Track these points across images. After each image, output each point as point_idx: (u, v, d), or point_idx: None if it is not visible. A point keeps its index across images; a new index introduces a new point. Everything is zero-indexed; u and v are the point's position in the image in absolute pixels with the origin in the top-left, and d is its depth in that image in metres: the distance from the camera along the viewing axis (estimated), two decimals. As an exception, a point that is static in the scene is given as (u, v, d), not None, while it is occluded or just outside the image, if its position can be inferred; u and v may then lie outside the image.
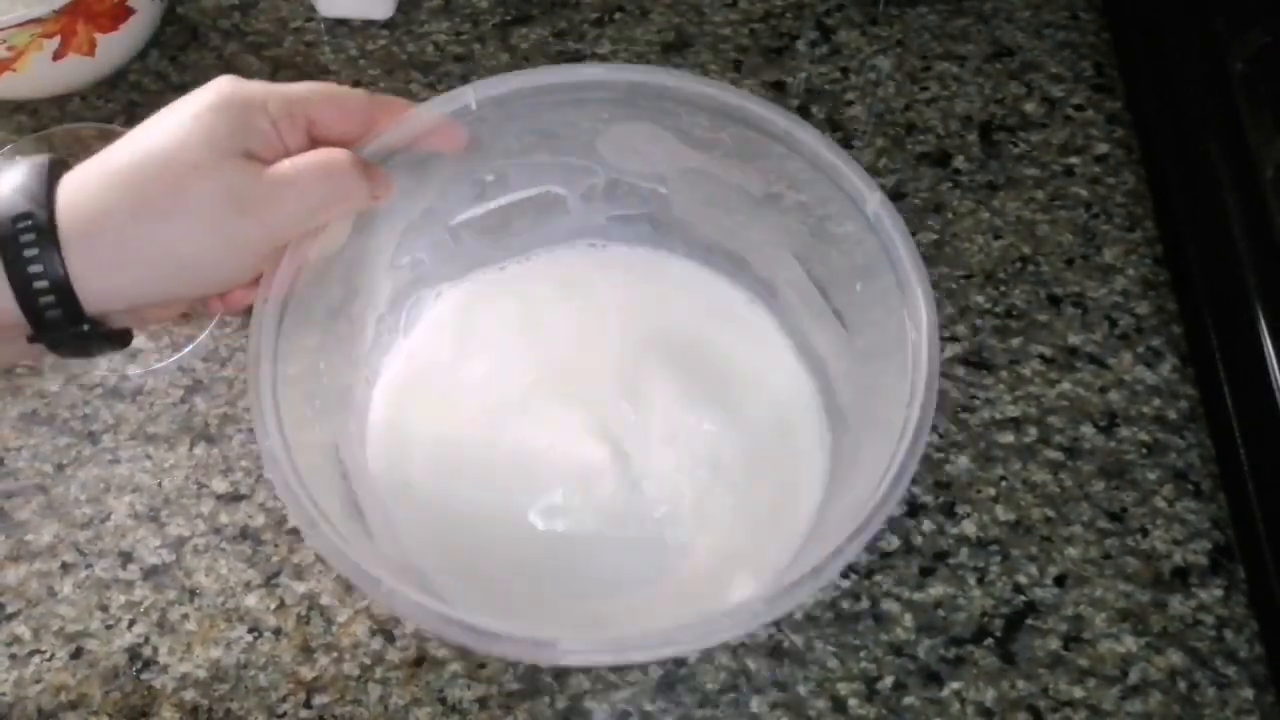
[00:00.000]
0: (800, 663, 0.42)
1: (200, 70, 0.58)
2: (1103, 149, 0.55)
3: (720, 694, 0.41)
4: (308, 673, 0.42)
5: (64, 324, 0.34)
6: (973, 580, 0.44)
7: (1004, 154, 0.55)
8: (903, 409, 0.36)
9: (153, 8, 0.56)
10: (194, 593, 0.44)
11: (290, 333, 0.38)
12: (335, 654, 0.42)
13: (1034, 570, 0.44)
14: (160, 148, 0.35)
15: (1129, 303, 0.50)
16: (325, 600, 0.43)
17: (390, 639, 0.43)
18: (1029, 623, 0.43)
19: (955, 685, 0.41)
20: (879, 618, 0.43)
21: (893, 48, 0.58)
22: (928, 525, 0.45)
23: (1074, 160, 0.54)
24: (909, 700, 0.41)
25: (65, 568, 0.44)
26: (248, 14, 0.60)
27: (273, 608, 0.43)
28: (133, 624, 0.43)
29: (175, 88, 0.58)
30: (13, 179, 0.34)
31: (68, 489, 0.46)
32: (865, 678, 0.42)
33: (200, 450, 0.47)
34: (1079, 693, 0.41)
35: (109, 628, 0.43)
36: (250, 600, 0.44)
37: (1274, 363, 0.44)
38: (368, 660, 0.42)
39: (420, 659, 0.42)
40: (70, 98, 0.57)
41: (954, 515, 0.45)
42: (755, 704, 0.41)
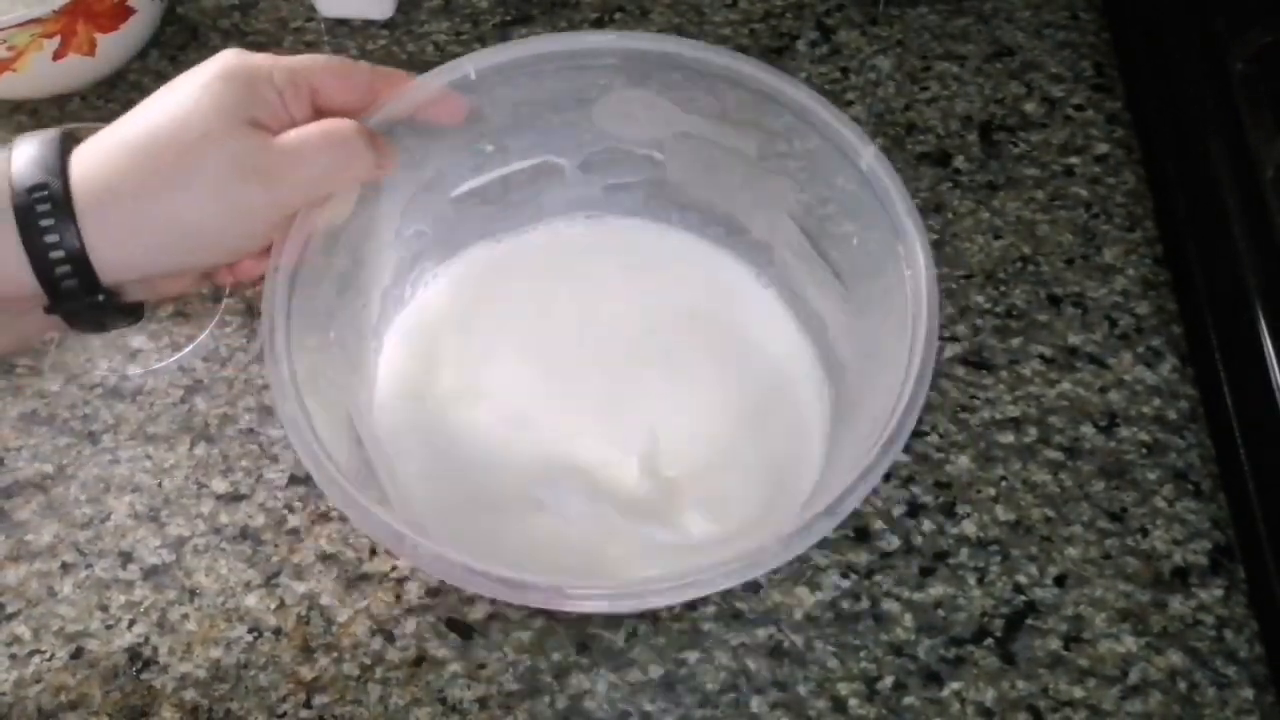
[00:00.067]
0: (800, 663, 0.42)
1: (200, 70, 0.58)
2: (1103, 149, 0.55)
3: (720, 694, 0.41)
4: (308, 673, 0.42)
5: (80, 294, 0.35)
6: (973, 580, 0.44)
7: (1004, 154, 0.55)
8: (905, 349, 0.36)
9: (153, 8, 0.56)
10: (194, 593, 0.44)
11: (302, 302, 0.38)
12: (335, 654, 0.42)
13: (1034, 570, 0.44)
14: (170, 118, 0.35)
15: (1129, 303, 0.50)
16: (325, 600, 0.43)
17: (390, 639, 0.43)
18: (1029, 623, 0.43)
19: (955, 685, 0.41)
20: (879, 618, 0.43)
21: (893, 48, 0.58)
22: (928, 525, 0.45)
23: (1074, 160, 0.54)
24: (909, 700, 0.41)
25: (65, 568, 0.44)
26: (248, 14, 0.60)
27: (273, 608, 0.43)
28: (133, 624, 0.43)
29: (175, 88, 0.58)
30: (26, 151, 0.35)
31: (68, 489, 0.46)
32: (865, 678, 0.42)
33: (200, 450, 0.47)
34: (1079, 693, 0.41)
35: (109, 628, 0.43)
36: (250, 600, 0.44)
37: (1274, 362, 0.44)
38: (368, 660, 0.42)
39: (420, 659, 0.42)
40: (70, 98, 0.57)
41: (954, 515, 0.45)
42: (755, 704, 0.41)
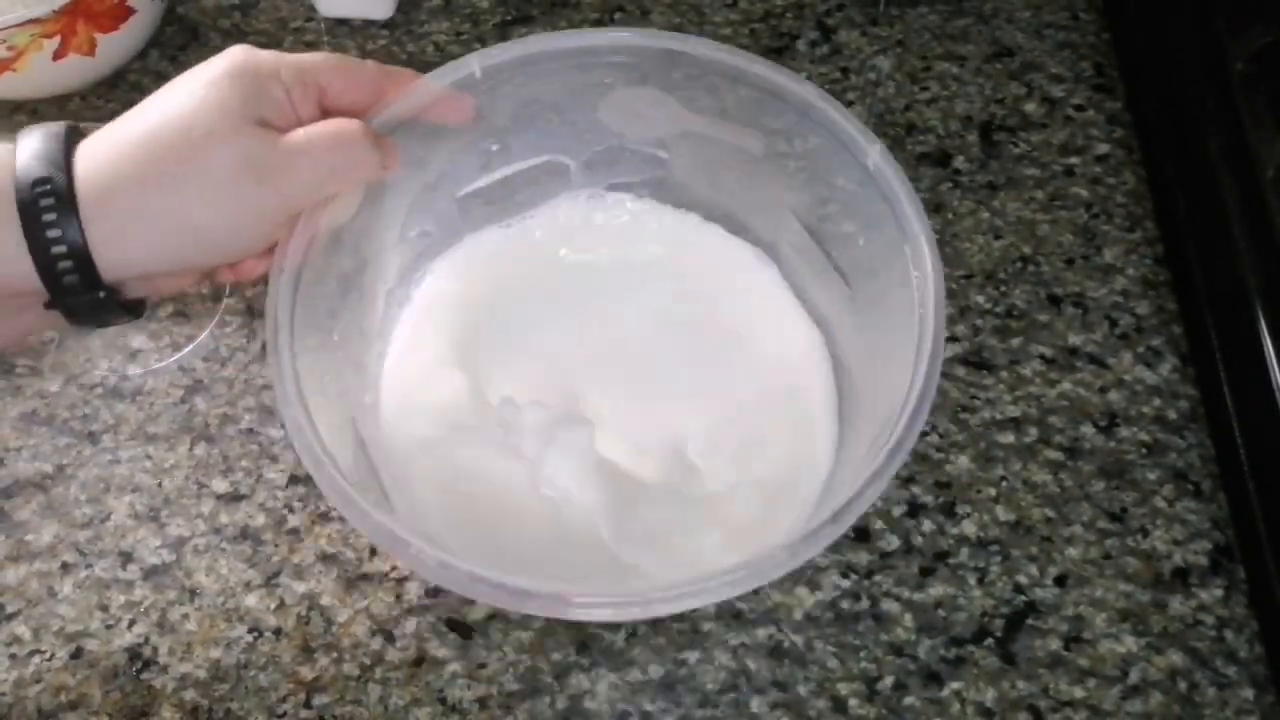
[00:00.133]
0: (800, 663, 0.42)
1: (200, 70, 0.58)
2: (1103, 149, 0.55)
3: (720, 694, 0.41)
4: (308, 673, 0.42)
5: (81, 290, 0.35)
6: (973, 580, 0.44)
7: (1004, 154, 0.55)
8: (911, 351, 0.36)
9: (153, 7, 0.56)
10: (194, 593, 0.44)
11: (306, 303, 0.38)
12: (335, 654, 0.42)
13: (1034, 570, 0.44)
14: (176, 115, 0.35)
15: (1129, 303, 0.50)
16: (325, 600, 0.43)
17: (390, 639, 0.43)
18: (1029, 623, 0.43)
19: (955, 685, 0.41)
20: (879, 618, 0.43)
21: (893, 48, 0.58)
22: (928, 525, 0.45)
23: (1074, 160, 0.54)
24: (909, 700, 0.41)
25: (65, 568, 0.44)
26: (248, 14, 0.60)
27: (273, 608, 0.43)
28: (133, 624, 0.43)
29: (175, 88, 0.57)
30: (31, 145, 0.34)
31: (68, 489, 0.46)
32: (865, 678, 0.42)
33: (200, 450, 0.47)
34: (1079, 693, 0.41)
35: (109, 628, 0.43)
36: (250, 600, 0.44)
37: (1274, 362, 0.44)
38: (368, 660, 0.42)
39: (420, 659, 0.42)
40: (70, 98, 0.57)
41: (954, 515, 0.45)
42: (755, 704, 0.41)
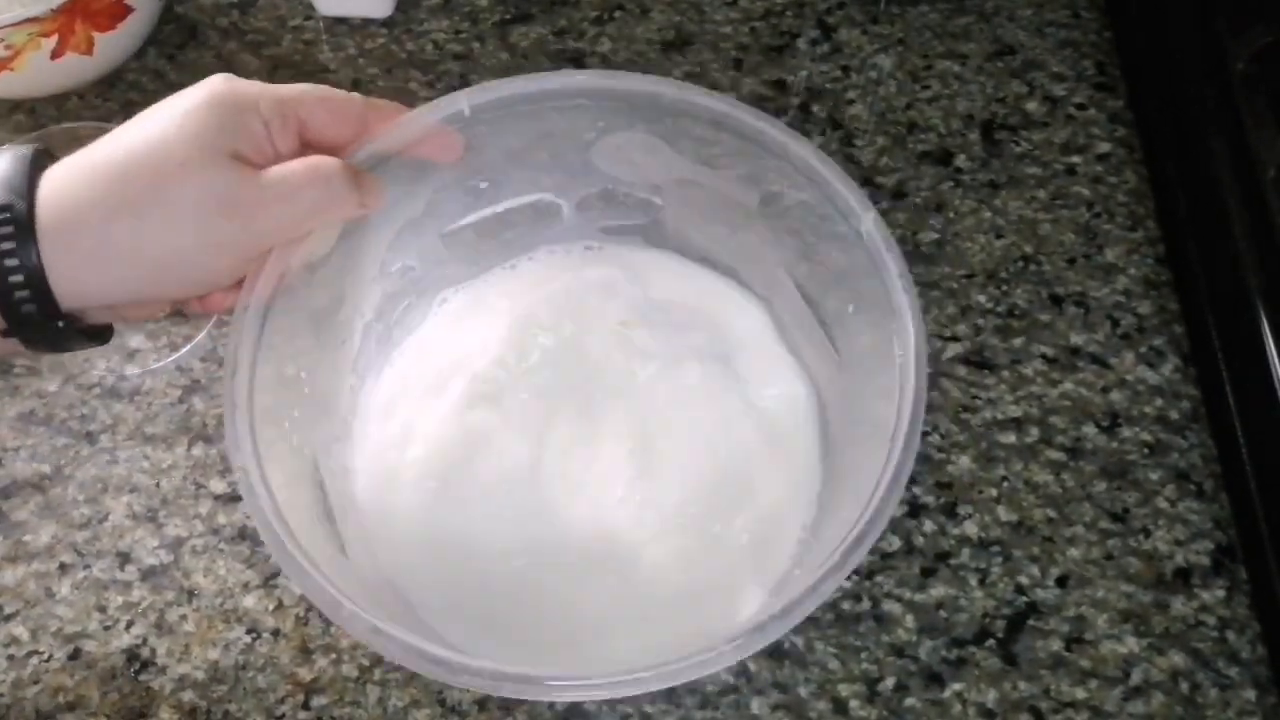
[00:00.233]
0: (801, 664, 0.42)
1: (199, 69, 0.58)
2: (1104, 148, 0.54)
3: (721, 695, 0.41)
4: (306, 674, 0.42)
5: (38, 319, 0.34)
6: (974, 581, 0.43)
7: (1006, 153, 0.54)
8: (887, 438, 0.35)
9: (151, 6, 0.56)
10: (192, 593, 0.44)
11: (271, 340, 0.37)
12: (334, 655, 0.42)
13: (1036, 571, 0.44)
14: (147, 144, 0.34)
15: (1131, 302, 0.50)
16: (324, 601, 0.43)
17: (389, 640, 0.42)
18: (1031, 624, 0.42)
19: (957, 686, 0.41)
20: (880, 619, 0.43)
21: (894, 46, 0.58)
22: (929, 526, 0.45)
23: (1076, 159, 0.54)
24: (910, 701, 0.41)
25: (63, 568, 0.44)
26: (246, 12, 0.60)
27: (271, 609, 0.43)
28: (131, 625, 0.43)
29: (173, 86, 0.56)
30: None
31: (65, 489, 0.46)
32: (866, 679, 0.41)
33: (198, 450, 0.47)
34: (1081, 694, 0.41)
35: (107, 628, 0.43)
36: (248, 601, 0.43)
37: (1276, 362, 0.43)
38: (366, 661, 0.42)
39: (419, 660, 0.42)
40: (68, 96, 0.57)
41: (955, 516, 0.45)
42: (756, 705, 0.41)
